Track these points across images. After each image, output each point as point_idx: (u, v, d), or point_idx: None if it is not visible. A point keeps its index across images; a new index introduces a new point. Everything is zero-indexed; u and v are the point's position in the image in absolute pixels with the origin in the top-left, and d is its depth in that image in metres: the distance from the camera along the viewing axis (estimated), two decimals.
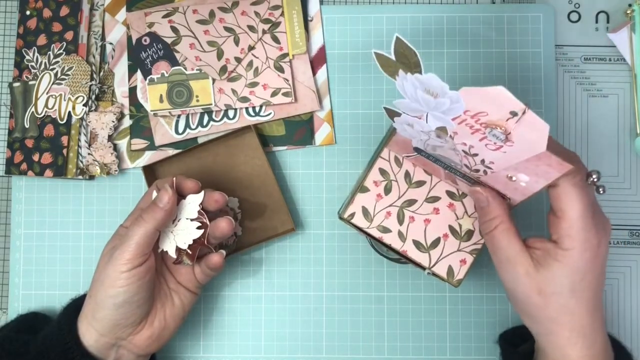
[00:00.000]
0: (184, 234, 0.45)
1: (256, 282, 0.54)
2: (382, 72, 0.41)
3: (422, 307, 0.53)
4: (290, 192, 0.54)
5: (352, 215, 0.46)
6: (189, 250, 0.45)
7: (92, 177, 0.54)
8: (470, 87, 0.35)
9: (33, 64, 0.54)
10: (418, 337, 0.53)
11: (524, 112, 0.35)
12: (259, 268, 0.54)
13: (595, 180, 0.40)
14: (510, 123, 0.36)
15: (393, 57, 0.41)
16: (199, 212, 0.45)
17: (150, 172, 0.53)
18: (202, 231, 0.45)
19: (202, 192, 0.45)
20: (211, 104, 0.52)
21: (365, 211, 0.46)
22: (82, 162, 0.53)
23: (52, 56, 0.53)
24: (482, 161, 0.40)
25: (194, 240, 0.45)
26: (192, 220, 0.45)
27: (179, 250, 0.45)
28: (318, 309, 0.53)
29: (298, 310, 0.53)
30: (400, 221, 0.46)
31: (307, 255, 0.54)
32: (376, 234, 0.46)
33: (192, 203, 0.45)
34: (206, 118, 0.53)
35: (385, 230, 0.46)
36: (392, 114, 0.41)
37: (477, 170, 0.41)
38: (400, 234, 0.46)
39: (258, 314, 0.53)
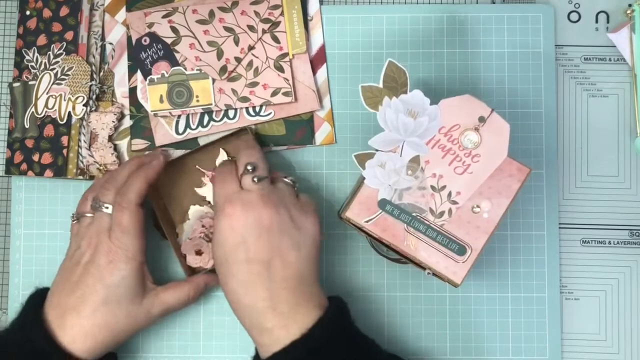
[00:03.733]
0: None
1: None
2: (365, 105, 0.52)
3: (422, 307, 0.53)
4: None
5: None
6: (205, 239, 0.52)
7: (92, 178, 0.54)
8: (446, 98, 0.43)
9: (33, 64, 0.54)
10: (418, 338, 0.53)
11: (490, 114, 0.42)
12: None
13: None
14: (480, 130, 0.43)
15: (381, 84, 0.47)
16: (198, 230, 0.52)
17: None
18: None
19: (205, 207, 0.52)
20: (211, 104, 0.52)
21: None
22: (82, 162, 0.53)
23: (52, 56, 0.54)
24: (449, 195, 0.43)
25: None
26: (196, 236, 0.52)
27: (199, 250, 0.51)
28: None
29: None
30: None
31: None
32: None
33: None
34: (206, 118, 0.53)
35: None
36: (364, 158, 0.44)
37: (442, 214, 0.43)
38: None
39: None
